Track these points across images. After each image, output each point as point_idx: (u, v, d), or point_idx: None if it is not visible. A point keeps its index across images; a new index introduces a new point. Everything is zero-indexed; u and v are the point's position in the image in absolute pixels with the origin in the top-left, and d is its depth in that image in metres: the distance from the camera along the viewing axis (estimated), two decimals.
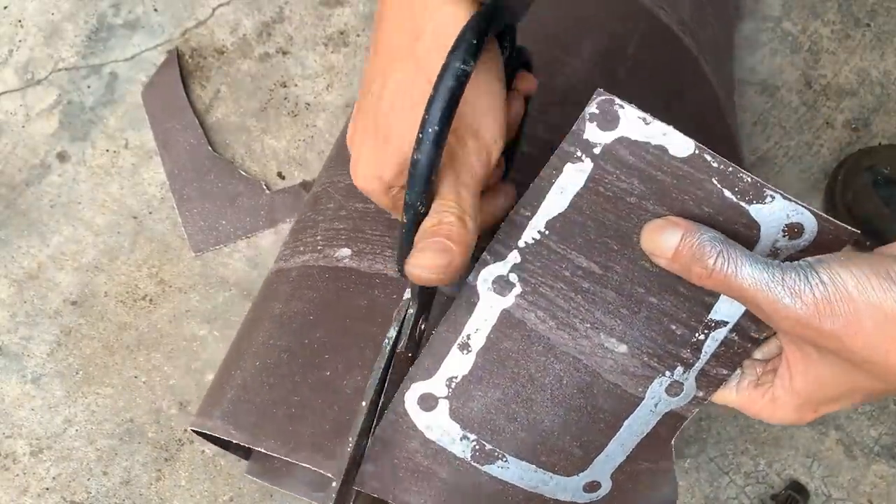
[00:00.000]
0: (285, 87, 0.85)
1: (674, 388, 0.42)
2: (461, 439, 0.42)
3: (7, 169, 0.84)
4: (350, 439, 0.51)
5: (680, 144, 0.35)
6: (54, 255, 0.82)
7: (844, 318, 0.32)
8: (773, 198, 0.36)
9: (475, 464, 0.43)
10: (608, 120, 0.35)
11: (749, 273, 0.34)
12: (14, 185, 0.84)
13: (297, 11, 0.87)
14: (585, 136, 0.36)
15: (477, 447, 0.42)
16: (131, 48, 0.87)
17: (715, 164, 0.35)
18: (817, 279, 0.33)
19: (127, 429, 0.79)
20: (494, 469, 0.42)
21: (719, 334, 0.40)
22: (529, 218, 0.38)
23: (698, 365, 0.41)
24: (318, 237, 0.63)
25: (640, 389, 0.41)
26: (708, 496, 0.78)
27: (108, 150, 0.85)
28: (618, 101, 0.34)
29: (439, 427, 0.42)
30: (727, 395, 0.43)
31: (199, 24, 0.87)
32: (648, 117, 0.34)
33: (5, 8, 0.88)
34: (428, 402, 0.43)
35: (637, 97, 0.36)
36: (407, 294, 0.43)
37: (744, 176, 0.35)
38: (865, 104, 0.84)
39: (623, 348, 0.40)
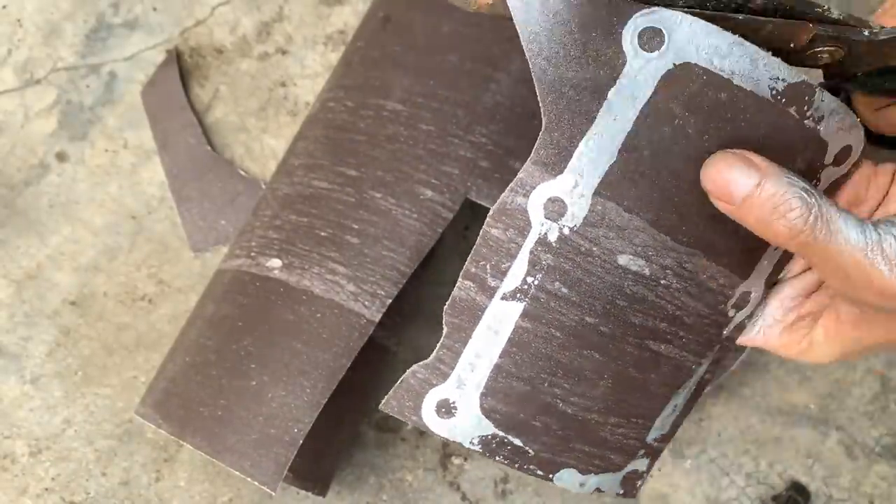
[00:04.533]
0: (285, 86, 0.85)
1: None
2: None
3: (6, 169, 0.84)
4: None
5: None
6: (53, 255, 0.82)
7: None
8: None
9: None
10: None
11: (845, 238, 0.29)
12: (12, 184, 0.84)
13: (296, 10, 0.87)
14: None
15: None
16: (130, 47, 0.86)
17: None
18: None
19: (126, 429, 0.79)
20: None
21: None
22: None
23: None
24: (253, 243, 0.64)
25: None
26: (709, 497, 0.78)
27: (107, 150, 0.85)
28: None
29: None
30: (755, 338, 0.39)
31: (198, 24, 0.87)
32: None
33: (4, 7, 0.88)
34: None
35: None
36: None
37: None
38: None
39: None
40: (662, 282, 0.35)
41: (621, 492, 0.40)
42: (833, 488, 0.78)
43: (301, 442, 0.56)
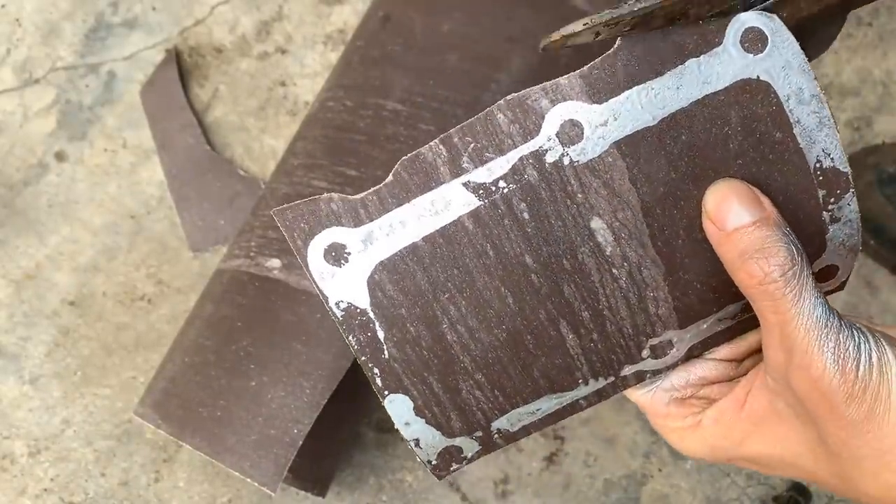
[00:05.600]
0: (284, 85, 0.85)
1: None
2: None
3: (5, 169, 0.84)
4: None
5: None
6: (52, 255, 0.82)
7: (867, 415, 0.28)
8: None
9: None
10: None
11: (809, 310, 0.28)
12: (12, 184, 0.83)
13: (295, 10, 0.86)
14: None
15: None
16: (129, 47, 0.86)
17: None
18: (869, 358, 0.28)
19: (125, 430, 0.79)
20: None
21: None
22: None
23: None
24: (252, 243, 0.63)
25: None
26: (709, 497, 0.78)
27: (106, 150, 0.84)
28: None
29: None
30: (639, 396, 0.37)
31: (197, 23, 0.87)
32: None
33: (3, 7, 0.87)
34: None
35: None
36: None
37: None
38: (867, 103, 0.83)
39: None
40: (614, 271, 0.34)
41: (433, 461, 0.36)
42: None
43: (301, 443, 0.56)
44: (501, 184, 0.32)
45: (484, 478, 0.77)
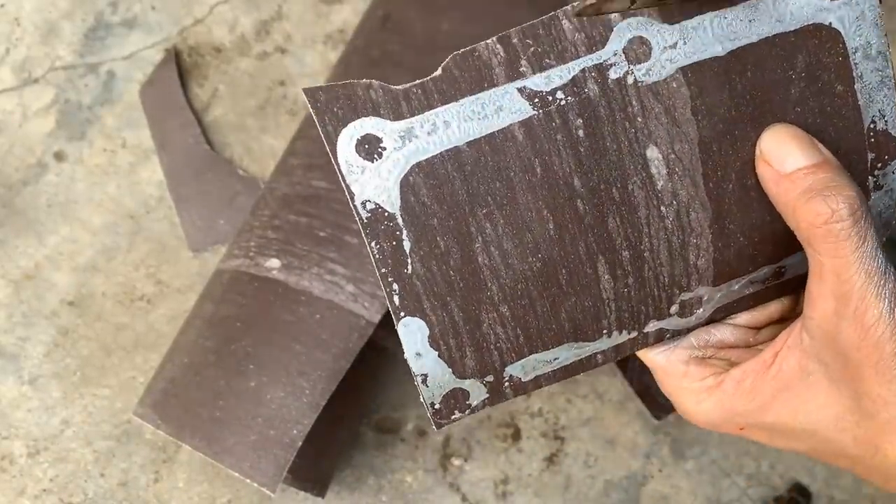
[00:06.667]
0: (284, 85, 0.85)
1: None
2: None
3: (4, 168, 0.84)
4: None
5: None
6: (51, 255, 0.82)
7: None
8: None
9: None
10: None
11: (872, 254, 0.27)
12: (11, 184, 0.83)
13: (295, 9, 0.86)
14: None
15: None
16: (129, 46, 0.86)
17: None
18: None
19: (125, 430, 0.79)
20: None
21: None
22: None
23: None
24: (252, 243, 0.63)
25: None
26: (710, 498, 0.77)
27: (105, 150, 0.84)
28: None
29: None
30: (654, 356, 0.35)
31: (196, 23, 0.87)
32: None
33: (2, 6, 0.87)
34: None
35: None
36: None
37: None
38: None
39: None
40: (662, 209, 0.31)
41: (437, 404, 0.33)
42: (835, 489, 0.78)
43: (300, 443, 0.56)
44: (559, 95, 0.30)
45: (484, 478, 0.77)
